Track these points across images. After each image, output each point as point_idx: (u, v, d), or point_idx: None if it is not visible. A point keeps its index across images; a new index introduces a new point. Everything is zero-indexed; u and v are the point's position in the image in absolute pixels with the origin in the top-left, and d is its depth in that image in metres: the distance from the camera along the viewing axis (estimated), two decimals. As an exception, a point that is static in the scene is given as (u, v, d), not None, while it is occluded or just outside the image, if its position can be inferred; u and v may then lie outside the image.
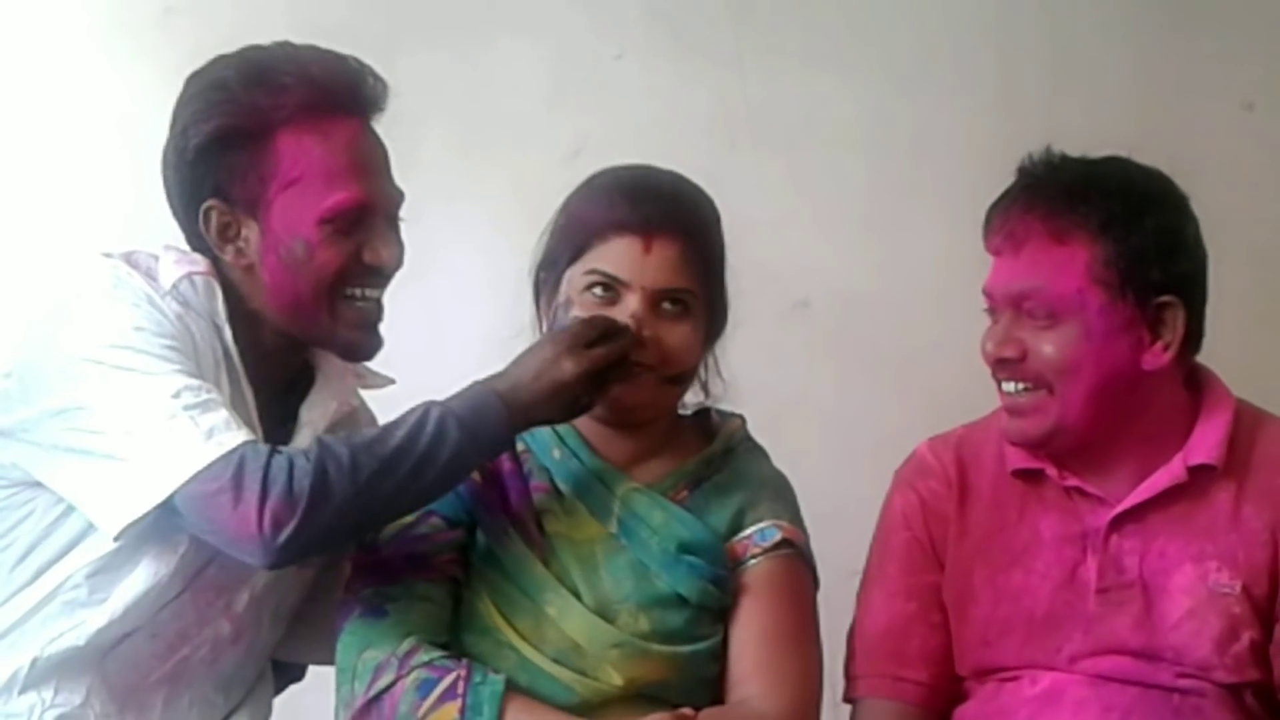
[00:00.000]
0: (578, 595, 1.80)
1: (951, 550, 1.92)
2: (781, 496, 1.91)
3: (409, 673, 1.73)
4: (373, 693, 1.74)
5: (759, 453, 1.96)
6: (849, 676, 1.94)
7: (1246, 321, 2.82)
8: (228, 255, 1.76)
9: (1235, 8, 2.83)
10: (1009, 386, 1.84)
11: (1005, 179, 1.88)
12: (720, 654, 1.83)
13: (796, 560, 1.87)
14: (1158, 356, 1.79)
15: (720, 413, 1.96)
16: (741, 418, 1.97)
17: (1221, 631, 1.78)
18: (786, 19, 2.92)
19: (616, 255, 1.81)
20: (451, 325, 2.86)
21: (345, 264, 1.77)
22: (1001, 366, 1.83)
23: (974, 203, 1.88)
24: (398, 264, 1.84)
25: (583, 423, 1.88)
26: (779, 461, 1.95)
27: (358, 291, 1.81)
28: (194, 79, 1.78)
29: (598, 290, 1.81)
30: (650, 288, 1.80)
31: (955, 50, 2.88)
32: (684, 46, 2.94)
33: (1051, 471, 1.86)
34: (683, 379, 1.87)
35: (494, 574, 1.83)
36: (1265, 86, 2.83)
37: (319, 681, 1.91)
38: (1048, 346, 1.79)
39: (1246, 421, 1.85)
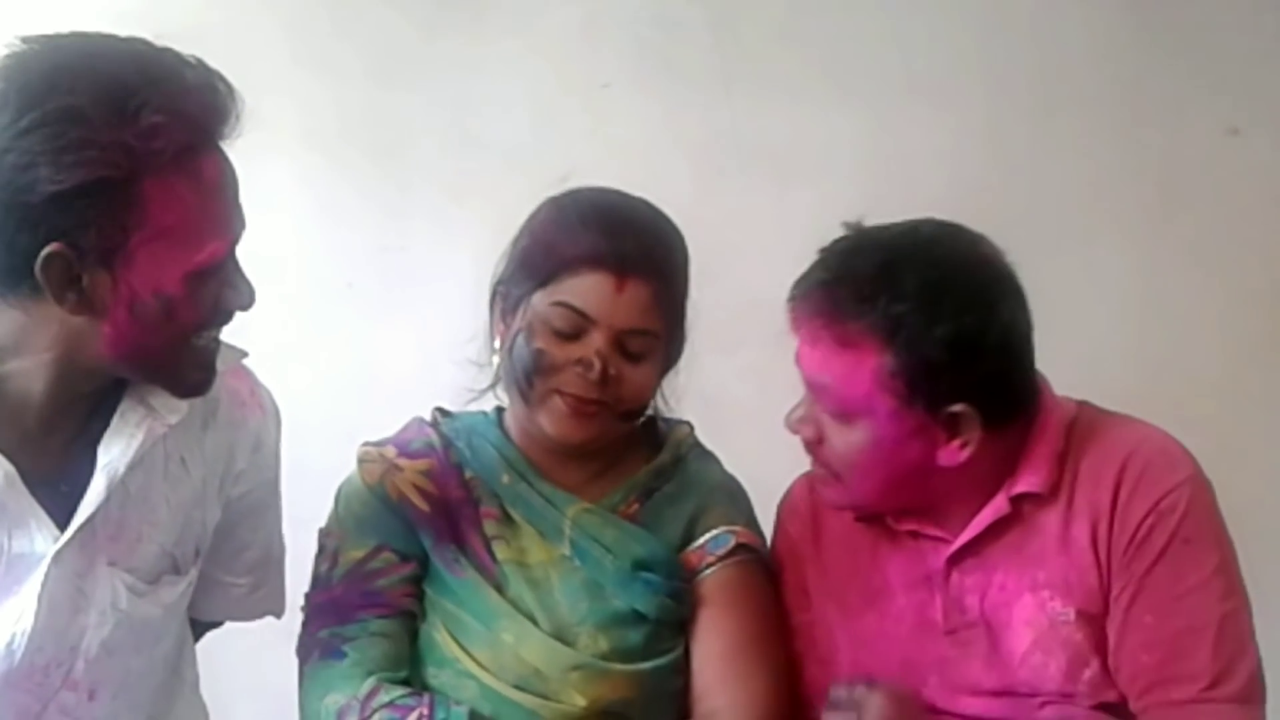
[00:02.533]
0: (534, 620, 1.79)
1: (813, 592, 1.89)
2: (734, 501, 1.90)
3: (371, 715, 1.73)
4: None
5: (709, 458, 1.95)
6: None
7: (1233, 346, 2.83)
8: (66, 304, 1.51)
9: (1220, 33, 2.84)
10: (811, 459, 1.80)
11: (993, 205, 1.88)
12: (683, 668, 1.83)
13: (753, 565, 1.86)
14: (954, 454, 1.71)
15: (667, 420, 1.94)
16: (689, 424, 1.96)
17: (1068, 661, 1.73)
18: (773, 47, 2.93)
19: (587, 291, 1.77)
20: (440, 351, 2.85)
21: (206, 316, 1.60)
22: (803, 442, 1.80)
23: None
24: (254, 300, 1.65)
25: (531, 448, 1.87)
26: (767, 488, 1.95)
27: (209, 334, 1.63)
28: (26, 93, 1.47)
29: (563, 324, 1.78)
30: (618, 328, 1.77)
31: (942, 77, 2.89)
32: (671, 75, 2.95)
33: (890, 518, 1.82)
34: (637, 414, 1.85)
35: (449, 604, 1.82)
36: (1250, 111, 2.84)
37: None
38: (838, 442, 1.74)
39: (1079, 437, 1.77)
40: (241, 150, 2.98)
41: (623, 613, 1.80)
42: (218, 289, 1.59)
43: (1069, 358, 1.85)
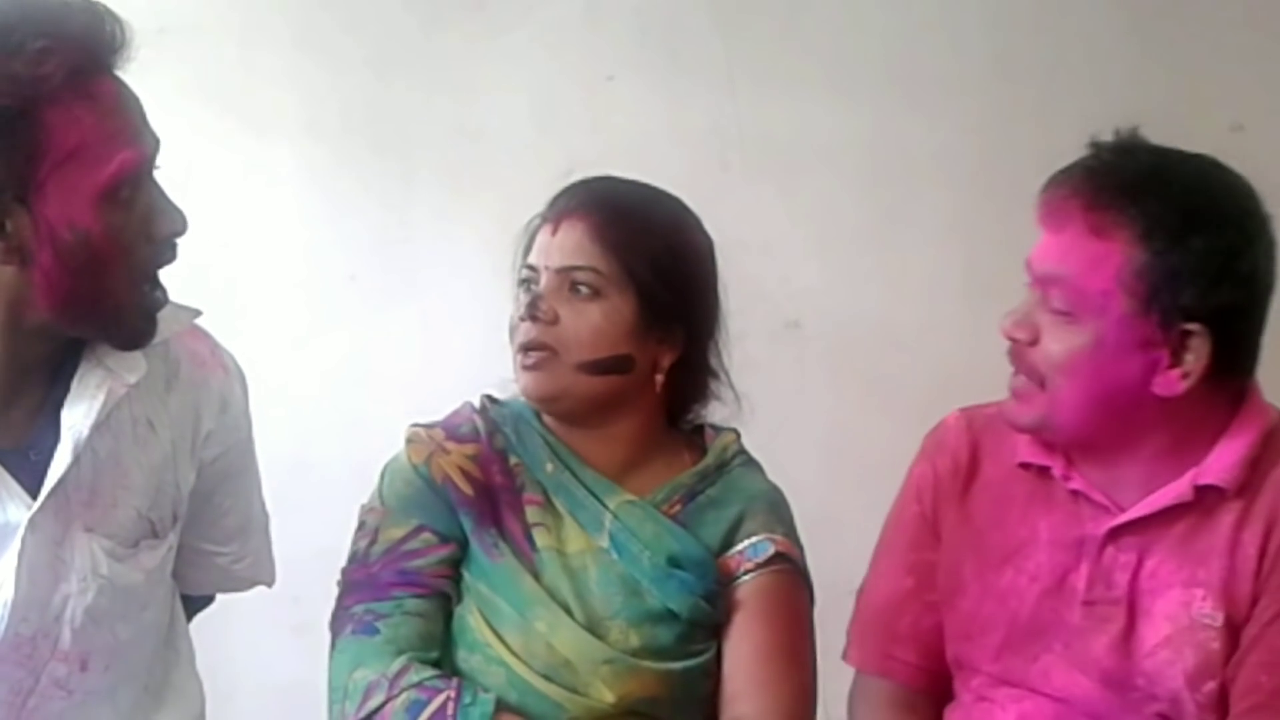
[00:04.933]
0: (568, 611, 1.79)
1: (948, 535, 1.86)
2: (776, 510, 1.90)
3: (399, 693, 1.73)
4: (363, 713, 1.74)
5: (753, 466, 1.95)
6: (849, 640, 1.92)
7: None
8: None
9: (1223, 29, 2.84)
10: (1013, 367, 1.74)
11: (996, 199, 1.87)
12: (714, 670, 1.82)
13: (791, 575, 1.85)
14: (1172, 383, 1.65)
15: (714, 427, 1.95)
16: (736, 431, 1.95)
17: (1195, 667, 1.68)
18: (778, 40, 2.93)
19: (535, 246, 1.83)
20: (445, 345, 2.87)
21: (139, 252, 1.59)
22: (1012, 344, 1.73)
23: (964, 223, 1.88)
24: (187, 225, 1.62)
25: (564, 432, 1.88)
26: (771, 479, 1.95)
27: (153, 284, 1.62)
28: None
29: (525, 286, 1.83)
30: (554, 267, 1.80)
31: (946, 71, 2.89)
32: (675, 67, 2.95)
33: (1057, 471, 1.76)
34: (602, 368, 1.81)
35: (484, 588, 1.82)
36: (1254, 108, 2.83)
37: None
38: (1056, 343, 1.68)
39: (1278, 445, 1.70)
40: (245, 142, 3.00)
41: (656, 610, 1.80)
42: (142, 219, 1.58)
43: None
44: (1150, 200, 1.64)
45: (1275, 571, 1.66)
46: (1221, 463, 1.68)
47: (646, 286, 1.81)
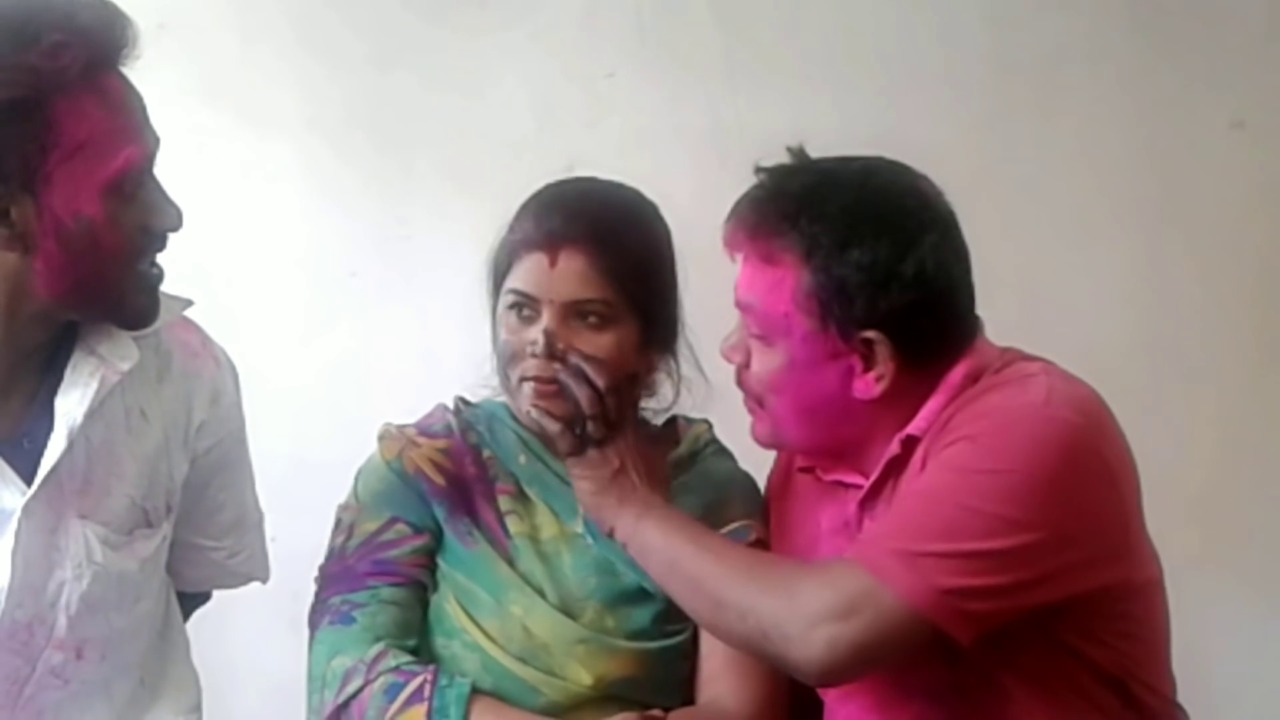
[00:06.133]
0: (542, 594, 1.82)
1: (776, 544, 1.90)
2: (751, 497, 1.94)
3: (376, 678, 1.76)
4: (341, 699, 1.77)
5: (725, 454, 1.98)
6: None
7: (1233, 339, 2.83)
8: None
9: (1224, 27, 2.84)
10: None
11: (996, 198, 1.87)
12: (691, 653, 1.85)
13: None
14: (869, 387, 1.71)
15: (687, 419, 1.98)
16: (708, 422, 1.99)
17: None
18: (778, 37, 2.93)
19: (527, 272, 1.82)
20: (443, 343, 2.86)
21: (136, 242, 1.63)
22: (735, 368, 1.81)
23: (962, 219, 1.87)
24: (182, 221, 1.66)
25: (544, 433, 1.88)
26: (764, 477, 1.96)
27: (149, 263, 1.67)
28: None
29: (517, 310, 1.83)
30: (560, 301, 1.80)
31: (946, 69, 2.89)
32: (675, 64, 2.95)
33: (819, 468, 1.84)
34: (616, 389, 1.84)
35: (460, 576, 1.85)
36: (1254, 105, 2.84)
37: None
38: (759, 365, 1.76)
39: (978, 390, 1.72)
40: (245, 138, 2.99)
41: (630, 591, 1.83)
42: (141, 213, 1.62)
43: (1069, 350, 1.84)
44: (807, 221, 1.71)
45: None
46: (924, 416, 1.73)
47: (646, 308, 1.85)
